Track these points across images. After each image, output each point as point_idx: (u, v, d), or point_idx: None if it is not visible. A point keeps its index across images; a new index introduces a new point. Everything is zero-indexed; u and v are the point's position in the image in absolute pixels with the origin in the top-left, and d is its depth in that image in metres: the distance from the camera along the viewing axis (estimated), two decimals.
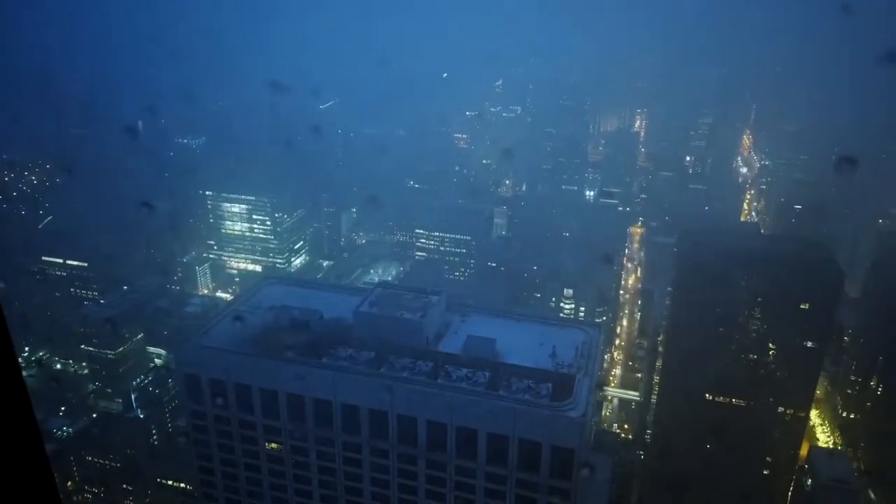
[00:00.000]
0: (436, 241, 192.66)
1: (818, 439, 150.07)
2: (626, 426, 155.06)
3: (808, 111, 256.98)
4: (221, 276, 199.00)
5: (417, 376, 53.35)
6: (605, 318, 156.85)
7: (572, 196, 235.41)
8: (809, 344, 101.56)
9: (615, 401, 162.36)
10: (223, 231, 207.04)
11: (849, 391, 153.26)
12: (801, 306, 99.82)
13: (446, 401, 50.97)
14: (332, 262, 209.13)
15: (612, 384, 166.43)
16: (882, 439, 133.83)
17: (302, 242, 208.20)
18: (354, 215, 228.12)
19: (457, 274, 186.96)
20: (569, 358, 54.84)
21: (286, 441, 59.05)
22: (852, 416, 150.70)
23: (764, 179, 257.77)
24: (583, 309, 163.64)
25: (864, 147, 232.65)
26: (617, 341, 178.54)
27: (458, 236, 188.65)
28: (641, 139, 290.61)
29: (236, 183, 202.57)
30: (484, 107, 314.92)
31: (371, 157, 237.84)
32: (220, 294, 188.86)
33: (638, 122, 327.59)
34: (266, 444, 60.33)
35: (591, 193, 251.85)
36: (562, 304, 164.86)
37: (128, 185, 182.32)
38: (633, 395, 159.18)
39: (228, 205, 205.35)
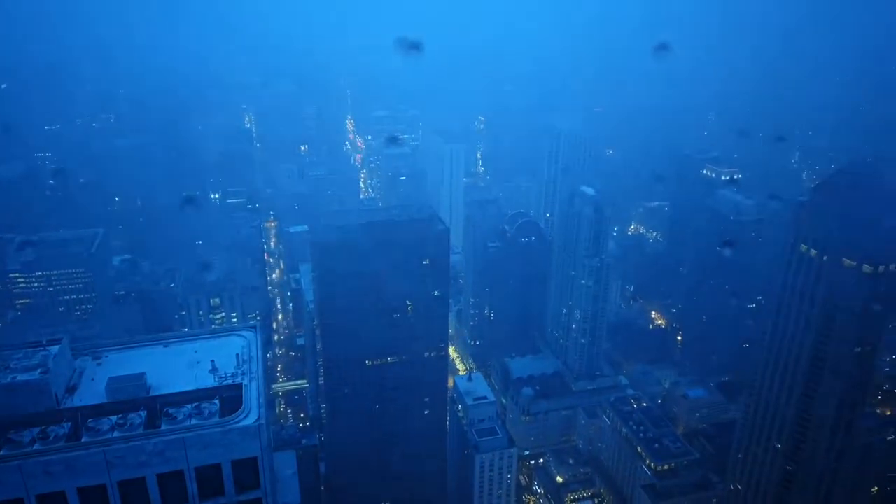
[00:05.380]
0: (41, 281, 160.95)
1: (458, 369, 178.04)
2: (301, 415, 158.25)
3: (392, 98, 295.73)
4: None
5: (53, 444, 44.94)
6: (259, 318, 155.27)
7: (197, 201, 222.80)
8: (436, 292, 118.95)
9: (286, 395, 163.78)
10: None
11: (472, 323, 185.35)
12: (423, 262, 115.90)
13: (98, 460, 44.27)
14: None
15: (281, 379, 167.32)
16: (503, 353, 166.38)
17: None
18: None
19: (78, 312, 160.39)
20: (231, 368, 52.82)
21: None
22: (477, 343, 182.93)
23: (372, 158, 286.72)
24: (234, 314, 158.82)
25: (441, 123, 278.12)
26: (276, 337, 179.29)
27: (68, 270, 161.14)
28: (255, 134, 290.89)
29: None
30: (66, 119, 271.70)
31: None
32: None
33: (247, 118, 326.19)
34: None
35: (217, 196, 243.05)
36: (211, 316, 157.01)
37: None
38: (301, 383, 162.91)
39: None
